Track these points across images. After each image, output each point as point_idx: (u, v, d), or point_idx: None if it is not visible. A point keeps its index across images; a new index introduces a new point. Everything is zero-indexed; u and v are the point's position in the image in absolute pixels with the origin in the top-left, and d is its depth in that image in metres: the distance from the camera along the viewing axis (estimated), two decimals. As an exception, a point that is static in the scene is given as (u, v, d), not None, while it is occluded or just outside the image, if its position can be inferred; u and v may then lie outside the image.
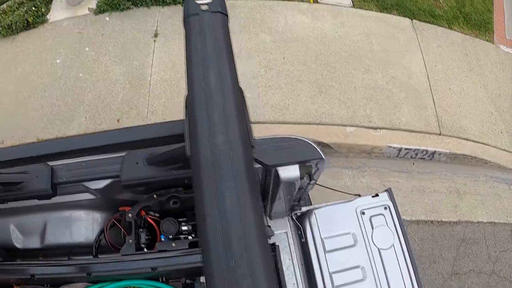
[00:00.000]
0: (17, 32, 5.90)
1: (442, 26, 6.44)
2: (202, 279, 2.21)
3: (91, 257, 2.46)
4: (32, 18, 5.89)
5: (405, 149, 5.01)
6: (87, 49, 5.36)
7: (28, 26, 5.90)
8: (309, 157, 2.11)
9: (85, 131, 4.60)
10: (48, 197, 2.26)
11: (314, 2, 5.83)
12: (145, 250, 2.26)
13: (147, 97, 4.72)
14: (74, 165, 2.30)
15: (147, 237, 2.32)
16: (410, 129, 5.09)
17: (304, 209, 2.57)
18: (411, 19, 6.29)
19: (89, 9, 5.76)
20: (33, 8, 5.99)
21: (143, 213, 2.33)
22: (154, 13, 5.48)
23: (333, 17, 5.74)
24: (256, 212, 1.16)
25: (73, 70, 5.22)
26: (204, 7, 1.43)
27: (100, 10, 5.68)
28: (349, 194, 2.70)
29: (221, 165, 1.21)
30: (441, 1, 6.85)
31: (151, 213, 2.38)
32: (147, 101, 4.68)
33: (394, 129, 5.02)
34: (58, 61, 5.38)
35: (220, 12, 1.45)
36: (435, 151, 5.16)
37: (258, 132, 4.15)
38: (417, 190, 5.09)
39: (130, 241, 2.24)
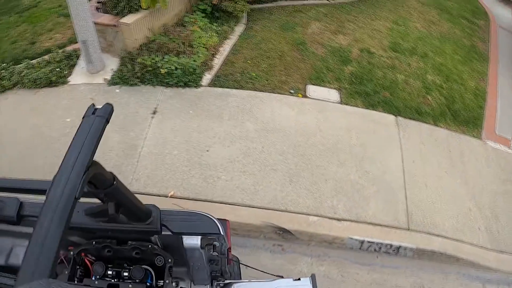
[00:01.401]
0: (40, 87, 6.62)
1: (427, 123, 6.61)
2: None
3: None
4: (55, 77, 6.61)
5: (368, 241, 5.14)
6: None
7: (50, 83, 6.63)
8: (210, 230, 2.67)
9: None
10: (13, 223, 2.72)
11: (303, 96, 6.36)
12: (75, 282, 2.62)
13: (135, 166, 5.18)
14: (36, 203, 2.75)
15: (80, 273, 2.67)
16: (375, 223, 5.23)
17: (226, 281, 2.94)
18: (396, 116, 6.53)
19: (104, 79, 6.46)
20: (58, 69, 6.74)
21: (82, 254, 2.68)
22: (158, 92, 6.13)
23: (318, 112, 6.21)
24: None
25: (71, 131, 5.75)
26: (96, 112, 2.02)
27: (113, 82, 6.38)
28: (272, 274, 2.99)
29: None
30: (430, 99, 7.11)
31: (89, 255, 2.73)
32: (133, 169, 5.13)
33: (359, 221, 5.18)
34: (68, 119, 5.97)
35: (102, 116, 2.01)
36: (400, 246, 5.22)
37: (224, 212, 4.62)
38: (377, 284, 5.13)
39: (66, 272, 2.58)
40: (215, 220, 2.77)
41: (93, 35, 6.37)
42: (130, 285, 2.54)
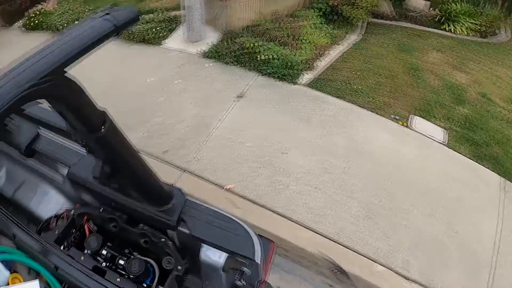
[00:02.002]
0: (136, 42, 6.56)
1: (539, 194, 5.55)
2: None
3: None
4: (152, 36, 6.43)
5: (433, 318, 4.29)
6: (178, 81, 5.62)
7: (145, 40, 6.48)
8: (242, 250, 2.03)
9: (136, 143, 4.73)
10: (24, 154, 2.44)
11: (405, 125, 5.52)
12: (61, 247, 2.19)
13: (201, 145, 4.70)
14: (51, 141, 2.50)
15: (73, 240, 2.24)
16: (448, 294, 4.33)
17: None
18: (503, 178, 5.55)
19: (199, 50, 6.06)
20: (157, 29, 6.52)
21: (85, 217, 2.27)
22: (249, 77, 5.59)
23: (419, 147, 5.35)
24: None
25: (157, 93, 5.51)
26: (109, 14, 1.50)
27: (207, 55, 5.97)
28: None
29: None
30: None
31: (92, 223, 2.29)
32: (198, 148, 4.67)
33: (431, 288, 4.38)
34: (150, 79, 5.76)
35: (110, 21, 1.48)
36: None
37: (280, 227, 3.95)
38: None
39: (57, 231, 2.20)
40: (253, 237, 2.14)
41: (199, 3, 6.03)
42: (118, 279, 2.01)
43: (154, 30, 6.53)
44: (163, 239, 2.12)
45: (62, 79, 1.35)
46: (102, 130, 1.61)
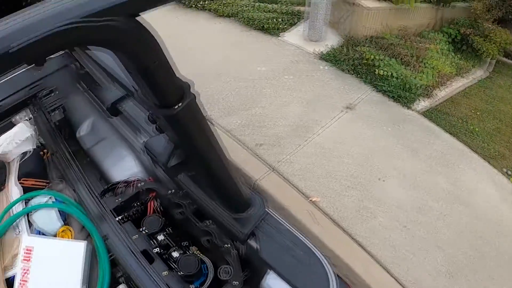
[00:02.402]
0: (253, 28, 6.60)
1: None
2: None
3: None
4: (271, 26, 6.32)
5: None
6: (289, 77, 5.44)
7: (263, 29, 6.43)
8: None
9: (233, 129, 4.74)
10: (106, 109, 2.39)
11: (519, 184, 4.88)
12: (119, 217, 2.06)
13: (297, 147, 4.46)
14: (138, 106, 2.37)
15: (133, 213, 2.10)
16: None
17: None
18: None
19: (316, 50, 5.83)
20: (277, 20, 6.39)
21: (152, 194, 2.12)
22: (362, 90, 5.24)
23: (528, 213, 4.70)
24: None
25: (265, 84, 5.37)
26: None
27: (323, 57, 5.71)
28: None
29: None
30: None
31: (158, 202, 2.13)
32: (293, 150, 4.44)
33: None
34: (261, 68, 5.65)
35: None
36: None
37: (356, 258, 3.62)
38: None
39: (119, 199, 2.08)
40: (332, 279, 1.77)
41: (326, 1, 5.78)
42: (164, 272, 1.79)
43: (275, 20, 6.41)
44: (227, 245, 1.87)
45: (131, 23, 0.90)
46: (177, 107, 1.21)
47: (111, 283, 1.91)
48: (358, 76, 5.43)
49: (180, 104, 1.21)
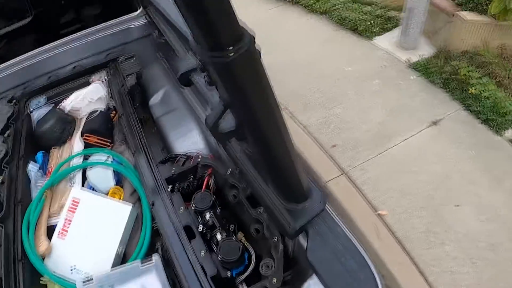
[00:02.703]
0: (344, 28, 6.35)
1: None
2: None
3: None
4: (363, 28, 6.11)
5: None
6: (376, 81, 5.24)
7: (355, 30, 6.21)
8: None
9: (309, 125, 4.66)
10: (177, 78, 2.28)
11: None
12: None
13: (373, 156, 4.31)
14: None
15: (185, 185, 2.07)
16: None
17: None
18: None
19: (407, 59, 5.54)
20: (370, 22, 6.16)
21: (210, 170, 2.07)
22: (451, 107, 4.88)
23: None
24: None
25: (349, 84, 5.24)
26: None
27: (414, 66, 5.41)
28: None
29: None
30: None
31: (213, 180, 2.08)
32: (368, 158, 4.31)
33: None
34: (348, 68, 5.51)
35: None
36: None
37: (411, 283, 3.40)
38: None
39: (173, 170, 2.06)
40: None
41: (422, 9, 5.46)
42: (202, 252, 1.69)
43: (368, 23, 6.17)
44: (276, 238, 1.68)
45: None
46: (232, 53, 0.91)
47: (148, 251, 1.93)
48: (448, 91, 5.08)
49: (235, 47, 0.91)
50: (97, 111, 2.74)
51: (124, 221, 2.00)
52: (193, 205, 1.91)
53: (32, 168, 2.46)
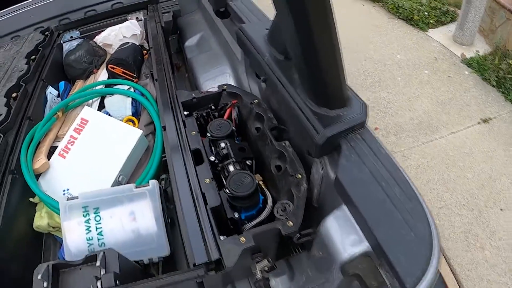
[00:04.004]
0: (399, 17, 5.81)
1: None
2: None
3: None
4: (418, 18, 5.55)
5: None
6: (426, 72, 4.68)
7: (410, 20, 5.66)
8: (401, 261, 0.86)
9: None
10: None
11: None
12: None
13: (417, 145, 3.83)
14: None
15: (205, 112, 1.69)
16: None
17: None
18: None
19: (462, 54, 4.94)
20: (426, 13, 5.59)
21: (234, 101, 1.69)
22: (504, 107, 4.27)
23: None
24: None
25: (398, 71, 4.75)
26: None
27: (468, 62, 4.82)
28: None
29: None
30: None
31: (237, 111, 1.68)
32: (411, 146, 3.83)
33: None
34: (398, 56, 4.99)
35: None
36: None
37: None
38: None
39: (193, 95, 1.69)
40: (435, 245, 0.93)
41: (482, 2, 4.84)
42: (207, 180, 1.29)
43: (424, 13, 5.57)
44: (299, 175, 1.28)
45: None
46: None
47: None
48: (502, 90, 4.48)
49: None
50: (128, 43, 2.36)
51: (131, 146, 1.62)
52: (209, 132, 1.53)
53: (51, 91, 2.14)
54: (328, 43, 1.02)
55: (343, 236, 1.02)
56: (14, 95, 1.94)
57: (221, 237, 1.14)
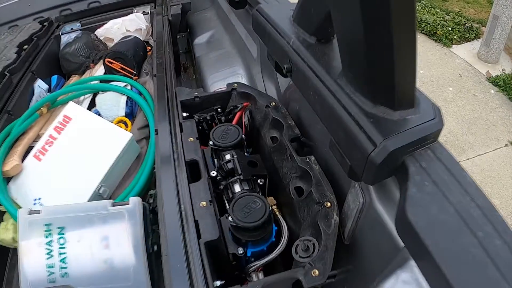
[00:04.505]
0: (421, 31, 5.43)
1: None
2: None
3: None
4: (442, 32, 5.22)
5: None
6: (450, 89, 4.34)
7: (433, 34, 5.33)
8: None
9: None
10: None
11: None
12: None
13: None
14: None
15: (210, 117, 1.37)
16: None
17: None
18: None
19: (487, 72, 4.59)
20: (449, 28, 5.26)
21: (245, 104, 1.36)
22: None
23: None
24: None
25: (423, 87, 4.08)
26: None
27: (494, 80, 4.46)
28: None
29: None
30: None
31: (248, 116, 1.36)
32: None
33: None
34: (421, 71, 4.64)
35: None
36: None
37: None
38: None
39: (195, 93, 1.37)
40: None
41: (508, 19, 4.49)
42: (203, 203, 0.97)
43: (446, 29, 5.24)
44: (328, 204, 0.92)
45: None
46: None
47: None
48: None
49: None
50: (130, 36, 2.08)
51: (118, 151, 1.31)
52: (211, 140, 1.21)
53: (40, 85, 1.85)
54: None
55: None
56: (-6, 85, 1.66)
57: (217, 282, 0.82)
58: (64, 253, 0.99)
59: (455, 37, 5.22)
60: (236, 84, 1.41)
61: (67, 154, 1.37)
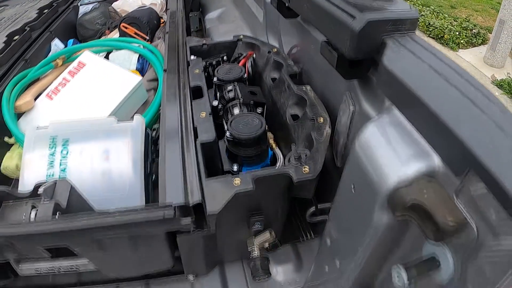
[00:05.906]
0: (429, 35, 5.47)
1: None
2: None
3: None
4: (448, 36, 5.21)
5: None
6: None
7: (440, 38, 5.35)
8: None
9: None
10: None
11: None
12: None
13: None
14: None
15: (216, 62, 1.40)
16: None
17: None
18: None
19: (493, 76, 4.55)
20: (456, 33, 5.24)
21: (250, 53, 1.41)
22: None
23: None
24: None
25: None
26: None
27: (499, 84, 4.42)
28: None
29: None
30: None
31: (252, 63, 1.39)
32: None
33: None
34: None
35: None
36: None
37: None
38: None
39: (204, 41, 1.42)
40: None
41: None
42: (202, 113, 1.00)
43: (453, 33, 5.23)
44: (321, 119, 0.94)
45: None
46: None
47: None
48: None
49: None
50: (146, 5, 2.12)
51: (126, 91, 1.33)
52: (215, 76, 1.23)
53: (57, 44, 1.90)
54: None
55: (395, 150, 0.60)
56: (16, 37, 1.71)
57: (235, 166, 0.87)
58: (65, 163, 1.00)
59: (462, 41, 5.19)
60: (242, 36, 1.45)
61: (78, 94, 1.40)
